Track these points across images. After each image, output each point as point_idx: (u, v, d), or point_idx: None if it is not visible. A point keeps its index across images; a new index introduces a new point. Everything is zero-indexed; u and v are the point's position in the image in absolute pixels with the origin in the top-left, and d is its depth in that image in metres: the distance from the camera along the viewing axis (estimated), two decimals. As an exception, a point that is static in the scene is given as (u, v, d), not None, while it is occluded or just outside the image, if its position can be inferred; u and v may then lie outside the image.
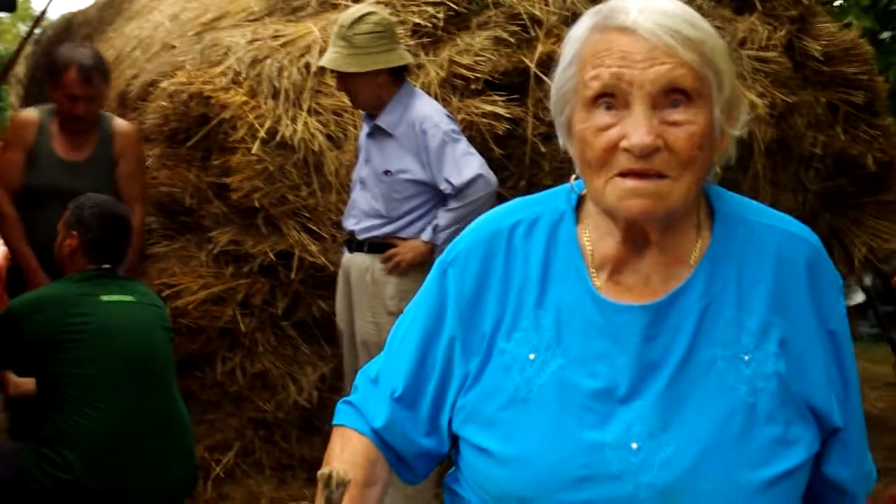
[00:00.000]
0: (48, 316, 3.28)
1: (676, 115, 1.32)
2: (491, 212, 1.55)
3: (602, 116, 1.33)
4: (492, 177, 3.82)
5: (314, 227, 4.46)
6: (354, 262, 4.04)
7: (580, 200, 1.48)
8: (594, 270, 1.43)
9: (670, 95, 1.31)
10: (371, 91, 3.85)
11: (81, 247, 3.46)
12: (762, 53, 4.96)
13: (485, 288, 1.46)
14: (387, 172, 3.86)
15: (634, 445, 1.34)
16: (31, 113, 4.36)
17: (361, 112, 4.13)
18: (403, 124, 3.83)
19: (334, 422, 1.58)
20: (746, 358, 1.37)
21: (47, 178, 4.18)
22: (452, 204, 3.77)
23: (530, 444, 1.38)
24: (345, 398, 1.60)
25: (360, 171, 4.05)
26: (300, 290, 4.55)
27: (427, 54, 4.68)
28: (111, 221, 3.51)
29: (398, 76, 3.89)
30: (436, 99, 4.44)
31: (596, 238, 1.44)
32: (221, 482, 4.52)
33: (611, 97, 1.33)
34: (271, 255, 4.43)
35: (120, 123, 4.34)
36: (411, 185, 3.85)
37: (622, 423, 1.35)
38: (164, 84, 4.58)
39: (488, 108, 4.48)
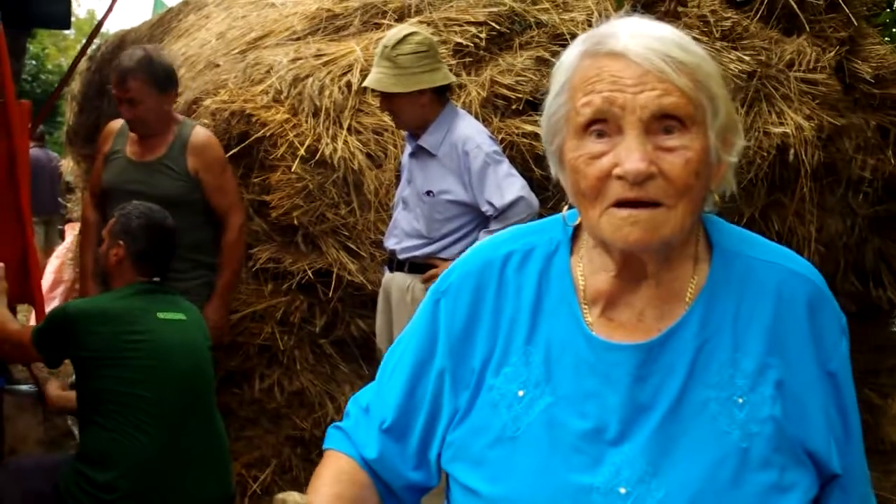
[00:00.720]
0: (107, 328, 3.29)
1: (670, 141, 1.28)
2: (486, 240, 1.52)
3: (594, 144, 1.30)
4: (533, 199, 3.80)
5: (353, 246, 4.46)
6: (395, 281, 4.03)
7: (576, 231, 1.45)
8: (586, 306, 1.40)
9: (663, 121, 1.28)
10: (415, 111, 3.84)
11: (128, 258, 3.48)
12: (810, 75, 4.88)
13: (475, 321, 1.43)
14: (429, 193, 3.85)
15: (623, 490, 1.30)
16: (116, 121, 4.41)
17: (404, 132, 4.12)
18: (446, 145, 3.82)
19: (325, 445, 1.57)
20: (741, 401, 1.32)
21: (116, 177, 4.23)
22: (494, 226, 3.74)
23: (517, 485, 1.34)
24: (336, 423, 1.58)
25: (403, 191, 4.05)
26: (338, 309, 4.54)
27: (469, 74, 4.68)
28: (157, 233, 3.53)
29: (442, 96, 3.89)
30: (477, 119, 4.43)
31: (589, 272, 1.41)
32: (258, 499, 4.52)
33: (603, 123, 1.29)
34: (310, 273, 4.44)
35: (198, 132, 4.25)
36: (453, 206, 3.83)
37: (611, 466, 1.31)
38: (207, 102, 4.61)
39: (529, 128, 4.45)
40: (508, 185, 3.71)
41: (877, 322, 5.54)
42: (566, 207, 1.43)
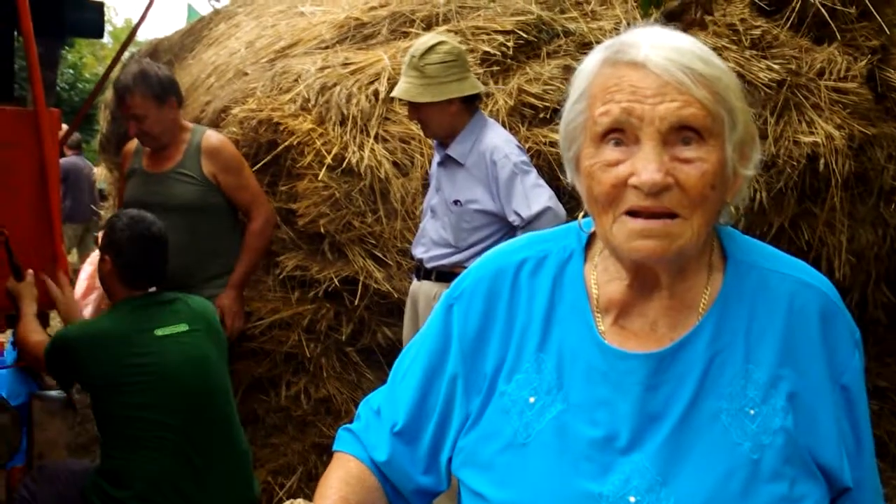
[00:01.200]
0: (108, 354, 3.25)
1: (688, 152, 1.28)
2: (500, 247, 1.52)
3: (611, 152, 1.30)
4: (561, 210, 3.78)
5: (379, 254, 4.47)
6: (422, 289, 4.03)
7: (590, 239, 1.45)
8: (599, 314, 1.40)
9: (681, 133, 1.27)
10: (443, 120, 3.84)
11: (116, 272, 3.42)
12: (841, 84, 4.84)
13: (488, 327, 1.43)
14: (456, 202, 3.85)
15: (632, 499, 1.29)
16: (134, 140, 4.45)
17: (432, 141, 4.12)
18: (474, 154, 3.82)
19: (334, 448, 1.57)
20: (752, 412, 1.31)
21: (135, 192, 4.29)
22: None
23: (526, 491, 1.34)
24: (346, 426, 1.58)
25: (431, 199, 4.05)
26: (365, 317, 4.55)
27: (496, 83, 4.67)
28: (142, 243, 3.44)
29: (470, 105, 3.89)
30: (504, 128, 4.42)
31: (603, 280, 1.41)
32: (284, 506, 4.53)
33: (620, 133, 1.29)
34: (336, 282, 4.44)
35: (209, 136, 4.28)
36: (480, 216, 3.83)
37: (621, 474, 1.31)
38: (235, 110, 4.63)
39: (556, 136, 4.41)
40: (536, 196, 3.70)
41: (909, 333, 5.48)
42: (581, 215, 1.43)
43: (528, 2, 5.02)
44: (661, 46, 1.29)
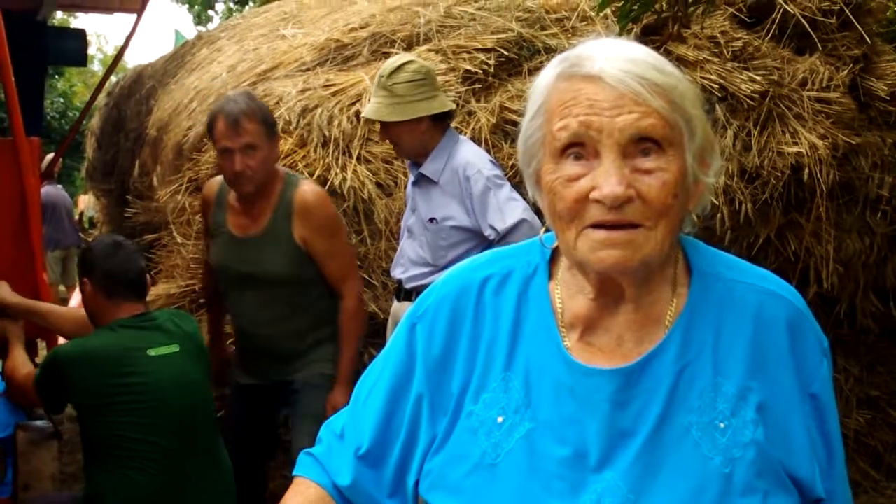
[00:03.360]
0: (99, 372, 3.21)
1: (648, 163, 1.26)
2: (463, 263, 1.50)
3: (571, 167, 1.28)
4: (536, 221, 3.77)
5: (364, 275, 4.44)
6: (403, 310, 4.00)
7: (554, 254, 1.43)
8: (565, 330, 1.37)
9: (640, 144, 1.26)
10: (414, 139, 3.83)
11: (96, 288, 3.37)
12: (823, 94, 4.85)
13: (453, 346, 1.41)
14: (432, 220, 3.83)
15: None
16: (212, 183, 3.93)
17: (406, 161, 4.11)
18: (447, 171, 3.80)
19: (294, 472, 1.54)
20: (722, 426, 1.29)
21: (222, 257, 3.82)
22: None
23: None
24: (307, 450, 1.55)
25: (408, 219, 4.03)
26: (352, 338, 4.51)
27: (478, 101, 4.66)
28: (114, 250, 3.39)
29: (441, 123, 3.87)
30: (487, 145, 4.41)
31: (567, 296, 1.39)
32: (273, 531, 4.49)
33: (580, 147, 1.28)
34: (322, 304, 4.41)
35: (303, 192, 3.70)
36: (457, 232, 3.81)
37: (593, 493, 1.28)
38: (216, 135, 4.61)
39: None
40: (510, 209, 3.68)
41: (900, 342, 5.47)
42: (543, 231, 1.42)
43: (509, 19, 5.02)
44: (616, 58, 1.28)
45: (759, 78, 4.74)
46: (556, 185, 1.30)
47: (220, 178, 3.85)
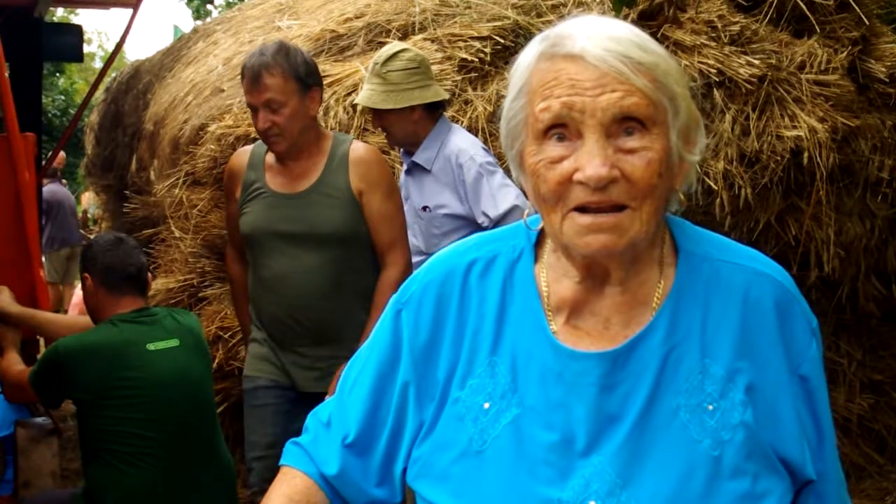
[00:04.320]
0: (98, 366, 3.20)
1: (632, 142, 1.24)
2: (448, 248, 1.48)
3: (554, 148, 1.26)
4: (529, 207, 3.73)
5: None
6: (396, 299, 3.97)
7: (539, 237, 1.41)
8: (551, 313, 1.35)
9: (624, 123, 1.24)
10: (406, 127, 3.80)
11: (98, 282, 3.36)
12: (822, 77, 4.81)
13: (439, 332, 1.39)
14: (425, 208, 3.82)
15: (593, 503, 1.25)
16: (240, 151, 3.64)
17: (398, 150, 4.09)
18: (440, 159, 3.78)
19: (281, 462, 1.52)
20: (711, 408, 1.27)
21: (261, 219, 3.42)
22: None
23: (483, 500, 1.30)
24: (294, 439, 1.53)
25: None
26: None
27: (475, 89, 4.65)
28: (114, 244, 3.39)
29: (434, 113, 3.85)
30: (483, 134, 4.39)
31: (553, 279, 1.37)
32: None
33: (562, 128, 1.26)
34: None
35: (358, 145, 3.43)
36: (450, 220, 3.79)
37: (580, 478, 1.27)
38: (212, 127, 4.60)
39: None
40: (503, 196, 3.66)
41: (902, 325, 5.45)
42: (527, 213, 1.40)
43: (504, 7, 5.00)
44: (598, 37, 1.26)
45: (757, 62, 4.70)
46: (539, 168, 1.28)
47: (249, 146, 3.62)
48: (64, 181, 11.76)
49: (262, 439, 3.38)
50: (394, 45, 3.89)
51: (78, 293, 8.29)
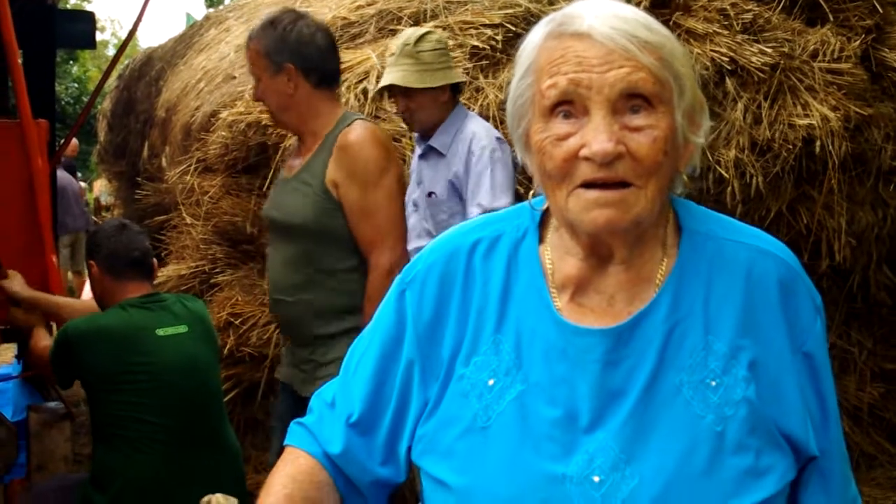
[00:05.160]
0: (108, 349, 3.23)
1: (637, 120, 1.26)
2: (453, 229, 1.50)
3: (560, 125, 1.28)
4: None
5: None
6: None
7: (544, 217, 1.42)
8: (555, 291, 1.37)
9: (630, 101, 1.26)
10: (434, 109, 3.78)
11: (103, 268, 3.38)
12: (835, 65, 4.79)
13: (443, 310, 1.40)
14: (430, 194, 3.81)
15: (597, 479, 1.26)
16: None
17: (413, 135, 4.09)
18: (455, 143, 3.78)
19: (285, 442, 1.53)
20: (714, 384, 1.28)
21: (266, 206, 3.41)
22: None
23: (487, 476, 1.31)
24: (298, 420, 1.54)
25: (412, 193, 3.99)
26: (362, 317, 4.51)
27: (486, 77, 4.64)
28: (118, 230, 3.41)
29: (454, 96, 3.86)
30: (494, 121, 4.38)
31: (557, 257, 1.38)
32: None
33: (569, 104, 1.27)
34: (331, 282, 4.40)
35: (351, 127, 3.15)
36: (457, 205, 3.78)
37: (584, 454, 1.28)
38: (223, 114, 4.61)
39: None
40: (501, 192, 3.62)
41: (915, 315, 5.43)
42: (532, 194, 1.41)
43: (516, -6, 4.98)
44: (605, 16, 1.28)
45: (769, 50, 4.68)
46: (545, 145, 1.29)
47: None
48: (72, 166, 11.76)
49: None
50: (418, 28, 3.89)
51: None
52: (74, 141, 9.46)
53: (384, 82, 3.78)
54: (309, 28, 3.22)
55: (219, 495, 1.37)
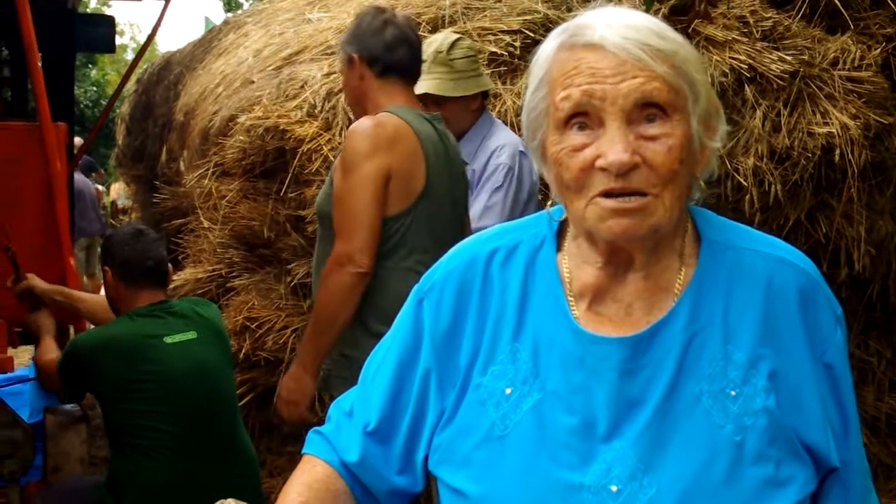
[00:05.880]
0: (116, 361, 3.23)
1: (653, 129, 1.26)
2: (470, 238, 1.49)
3: (576, 137, 1.28)
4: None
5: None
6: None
7: (561, 226, 1.42)
8: (573, 299, 1.36)
9: (645, 110, 1.26)
10: (466, 116, 3.76)
11: (117, 275, 3.38)
12: (855, 73, 4.76)
13: (461, 319, 1.40)
14: None
15: (614, 488, 1.26)
16: None
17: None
18: (479, 152, 3.76)
19: (303, 450, 1.53)
20: (733, 393, 1.28)
21: None
22: None
23: (504, 485, 1.30)
24: (316, 428, 1.54)
25: None
26: (378, 323, 4.51)
27: (504, 83, 4.64)
28: (133, 237, 3.40)
29: (483, 102, 3.84)
30: (512, 128, 4.37)
31: (575, 266, 1.37)
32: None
33: (584, 116, 1.27)
34: (348, 288, 4.40)
35: (360, 121, 3.11)
36: None
37: (602, 463, 1.27)
38: (241, 119, 4.62)
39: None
40: (490, 215, 3.53)
41: (934, 326, 5.39)
42: (549, 204, 1.41)
43: (535, 1, 4.98)
44: (616, 25, 1.27)
45: (789, 58, 4.67)
46: (561, 156, 1.29)
47: None
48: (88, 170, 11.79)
49: None
50: (447, 34, 3.86)
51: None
52: (79, 139, 9.43)
53: (419, 90, 3.59)
54: (379, 20, 3.18)
55: (231, 501, 1.36)
